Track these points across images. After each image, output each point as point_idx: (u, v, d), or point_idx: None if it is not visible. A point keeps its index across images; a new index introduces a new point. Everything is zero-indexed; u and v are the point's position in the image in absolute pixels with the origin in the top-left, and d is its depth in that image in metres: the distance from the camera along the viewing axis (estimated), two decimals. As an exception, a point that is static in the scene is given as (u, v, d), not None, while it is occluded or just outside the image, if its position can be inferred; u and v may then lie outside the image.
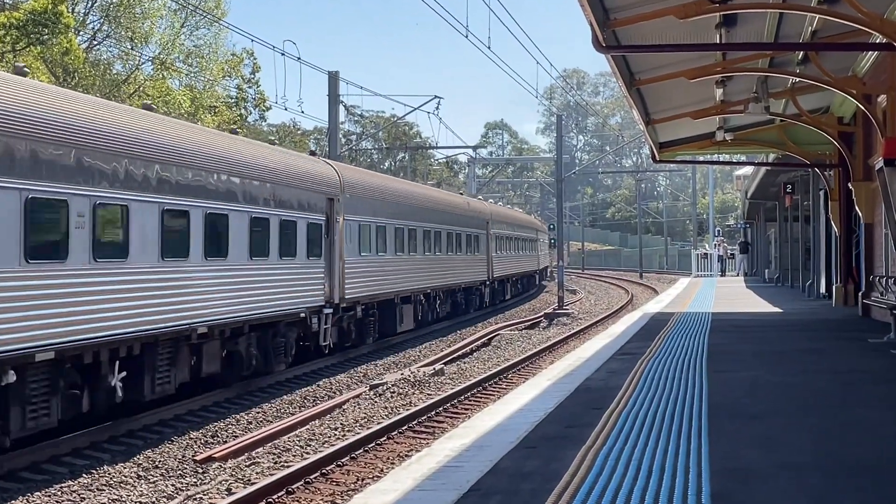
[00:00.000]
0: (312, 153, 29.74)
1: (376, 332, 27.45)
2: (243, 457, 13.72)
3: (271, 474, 12.19)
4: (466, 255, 38.39)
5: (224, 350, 18.45)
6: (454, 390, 18.41)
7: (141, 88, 44.72)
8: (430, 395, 18.47)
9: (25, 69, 14.53)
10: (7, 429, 12.53)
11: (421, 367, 22.14)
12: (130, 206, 14.95)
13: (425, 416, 16.22)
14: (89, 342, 13.94)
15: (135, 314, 15.01)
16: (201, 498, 11.60)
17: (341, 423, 15.74)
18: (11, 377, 12.30)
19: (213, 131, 21.62)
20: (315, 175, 23.06)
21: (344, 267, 24.13)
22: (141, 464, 13.50)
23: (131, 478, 12.73)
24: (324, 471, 12.35)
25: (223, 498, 11.43)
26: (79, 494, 11.93)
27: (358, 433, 14.58)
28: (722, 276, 59.16)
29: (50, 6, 33.99)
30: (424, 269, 31.88)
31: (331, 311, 23.17)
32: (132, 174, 15.08)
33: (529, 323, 36.80)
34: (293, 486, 11.60)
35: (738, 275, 59.29)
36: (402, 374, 20.52)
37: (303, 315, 21.54)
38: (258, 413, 17.49)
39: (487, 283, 43.00)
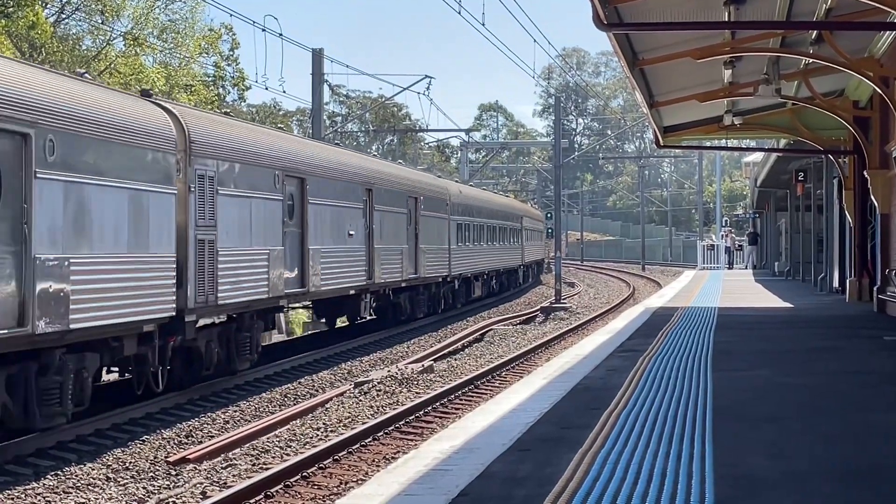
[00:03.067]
0: (512, 193, 68.53)
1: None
2: (219, 458, 13.71)
3: (249, 477, 12.18)
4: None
5: (497, 281, 47.14)
6: (444, 388, 18.43)
7: (112, 65, 44.56)
8: (419, 393, 18.47)
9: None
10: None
11: (409, 363, 22.13)
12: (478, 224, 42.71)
13: (413, 416, 16.22)
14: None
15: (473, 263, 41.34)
16: (174, 501, 11.59)
17: (324, 423, 15.74)
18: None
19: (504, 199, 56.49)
20: (515, 206, 57.16)
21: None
22: (110, 465, 13.48)
23: (100, 480, 12.71)
24: (305, 473, 12.34)
25: (198, 502, 11.44)
26: (43, 497, 11.91)
27: (341, 434, 14.58)
28: (729, 268, 59.23)
29: (15, -23, 33.86)
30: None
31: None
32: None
33: (525, 317, 36.86)
34: (272, 490, 11.59)
35: (746, 267, 59.34)
36: (388, 370, 20.52)
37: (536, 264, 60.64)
38: (235, 412, 17.49)
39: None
